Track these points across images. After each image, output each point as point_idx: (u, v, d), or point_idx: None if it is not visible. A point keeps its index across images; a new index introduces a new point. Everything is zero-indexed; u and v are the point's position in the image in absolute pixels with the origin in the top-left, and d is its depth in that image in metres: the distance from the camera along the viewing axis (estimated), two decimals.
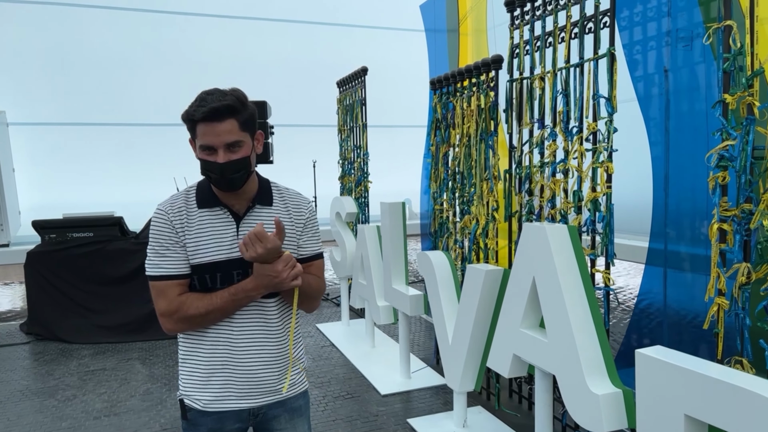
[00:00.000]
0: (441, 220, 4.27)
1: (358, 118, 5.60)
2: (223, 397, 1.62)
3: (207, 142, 1.51)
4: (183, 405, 1.66)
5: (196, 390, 1.63)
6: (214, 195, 1.60)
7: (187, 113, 1.52)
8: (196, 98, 1.54)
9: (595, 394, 2.14)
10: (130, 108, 10.35)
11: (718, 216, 2.20)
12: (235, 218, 1.61)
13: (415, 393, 3.87)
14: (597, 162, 2.79)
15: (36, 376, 4.39)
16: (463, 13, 5.96)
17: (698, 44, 3.02)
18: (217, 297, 1.55)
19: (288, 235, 1.65)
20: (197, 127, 1.51)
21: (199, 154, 1.54)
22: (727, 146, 2.15)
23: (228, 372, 1.61)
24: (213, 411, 1.62)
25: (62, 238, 5.48)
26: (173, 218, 1.57)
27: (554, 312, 2.36)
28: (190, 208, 1.60)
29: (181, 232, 1.57)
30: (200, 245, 1.57)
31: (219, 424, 1.64)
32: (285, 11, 10.97)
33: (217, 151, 1.51)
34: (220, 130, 1.49)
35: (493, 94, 3.53)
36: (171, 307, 1.55)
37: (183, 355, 1.66)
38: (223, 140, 1.50)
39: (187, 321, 1.57)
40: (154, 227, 1.58)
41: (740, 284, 2.12)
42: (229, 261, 1.58)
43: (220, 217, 1.60)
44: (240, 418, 1.65)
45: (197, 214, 1.59)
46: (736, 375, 1.65)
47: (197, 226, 1.58)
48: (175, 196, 1.62)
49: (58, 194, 9.49)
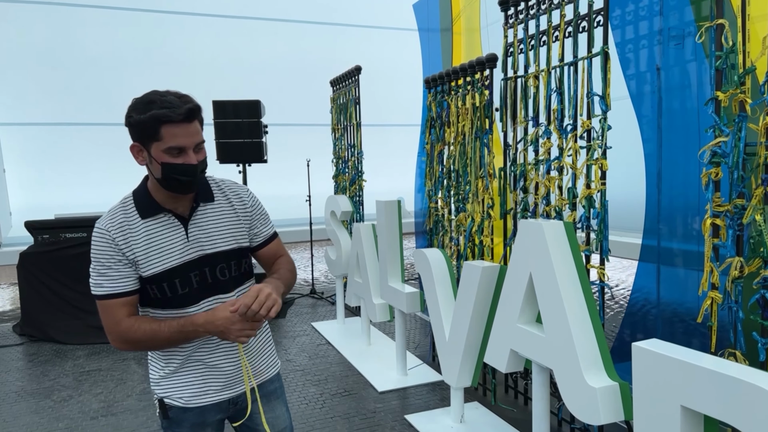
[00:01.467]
0: (436, 217, 4.30)
1: (351, 117, 5.62)
2: (203, 392, 1.65)
3: (179, 144, 1.47)
4: (163, 404, 1.66)
5: (176, 389, 1.65)
6: (155, 202, 1.57)
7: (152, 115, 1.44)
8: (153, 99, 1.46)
9: (593, 387, 2.18)
10: (121, 108, 10.24)
11: (711, 211, 2.24)
12: (181, 221, 1.59)
13: (412, 390, 3.90)
14: (591, 159, 2.83)
15: (31, 377, 4.37)
16: (456, 12, 5.99)
17: (690, 43, 3.06)
18: (165, 326, 1.53)
19: (237, 228, 1.66)
20: (163, 129, 1.45)
21: (163, 158, 1.47)
22: (720, 143, 2.19)
23: (204, 368, 1.64)
24: (194, 406, 1.65)
25: (55, 239, 5.45)
26: (116, 235, 1.52)
27: (551, 307, 2.39)
28: (131, 221, 1.55)
29: (127, 248, 1.52)
30: (151, 256, 1.54)
31: (201, 418, 1.67)
32: (278, 11, 10.95)
33: (188, 153, 1.48)
34: (192, 131, 1.49)
35: (487, 93, 3.56)
36: (117, 328, 1.53)
37: (157, 357, 1.66)
38: (194, 140, 1.49)
39: (133, 344, 1.55)
40: (94, 246, 1.53)
41: (733, 278, 2.16)
42: (184, 265, 1.57)
43: (165, 223, 1.57)
44: (220, 409, 1.70)
45: (141, 226, 1.55)
46: (731, 366, 1.68)
47: (144, 237, 1.54)
48: (113, 212, 1.57)
49: (49, 195, 9.43)
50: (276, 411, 1.78)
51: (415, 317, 5.69)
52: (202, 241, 1.60)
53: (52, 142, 10.07)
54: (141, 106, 1.48)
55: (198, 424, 1.67)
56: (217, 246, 1.62)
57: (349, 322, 5.46)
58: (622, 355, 3.22)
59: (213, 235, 1.62)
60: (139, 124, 1.47)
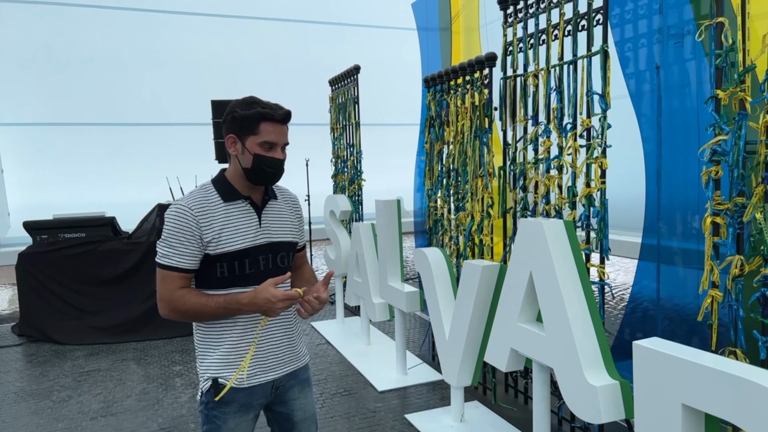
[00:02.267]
0: (436, 217, 4.29)
1: (350, 117, 5.61)
2: (253, 373, 1.79)
3: (272, 139, 1.72)
4: (217, 384, 1.76)
5: (230, 368, 1.76)
6: (235, 189, 1.78)
7: (258, 113, 1.70)
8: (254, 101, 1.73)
9: (593, 386, 2.17)
10: (119, 108, 10.28)
11: (711, 209, 2.23)
12: (255, 209, 1.80)
13: (412, 389, 3.89)
14: (591, 158, 2.83)
15: (30, 378, 4.36)
16: (455, 12, 5.99)
17: (689, 41, 3.07)
18: (212, 301, 1.69)
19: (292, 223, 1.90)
20: (262, 125, 1.71)
21: (256, 150, 1.72)
22: (720, 141, 2.19)
23: (257, 350, 1.79)
24: (246, 387, 1.78)
25: (54, 239, 5.44)
26: (197, 213, 1.70)
27: (552, 306, 2.39)
28: (212, 203, 1.74)
29: (206, 226, 1.70)
30: (227, 235, 1.73)
31: (249, 399, 1.80)
32: (277, 10, 10.94)
33: (277, 149, 1.74)
34: (284, 132, 1.76)
35: (487, 92, 3.55)
36: (170, 296, 1.70)
37: (210, 337, 1.78)
38: (284, 140, 1.77)
39: (180, 313, 1.71)
40: (171, 222, 1.70)
41: (734, 276, 2.16)
42: (255, 248, 1.76)
43: (243, 209, 1.78)
44: (264, 393, 1.83)
45: (221, 208, 1.74)
46: (732, 364, 1.68)
47: (223, 218, 1.73)
48: (193, 194, 1.76)
49: (47, 195, 9.41)
50: (307, 398, 1.95)
51: (415, 317, 5.68)
52: (270, 230, 1.81)
53: (50, 142, 10.05)
54: (244, 105, 1.72)
55: (245, 406, 1.79)
56: (282, 236, 1.84)
57: (349, 322, 5.45)
58: (622, 353, 3.22)
59: (279, 227, 1.85)
60: (243, 119, 1.71)
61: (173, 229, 1.69)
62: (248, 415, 1.81)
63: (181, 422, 3.49)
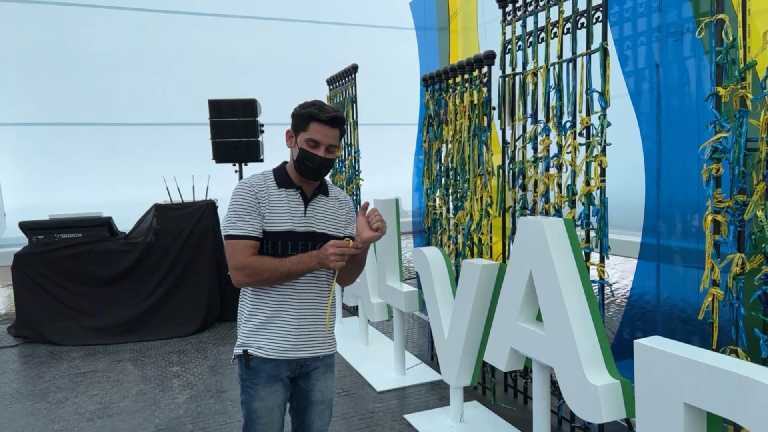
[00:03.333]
0: (434, 216, 4.28)
1: (348, 116, 5.59)
2: (282, 348, 1.96)
3: (317, 138, 1.91)
4: (247, 355, 1.96)
5: (261, 340, 1.95)
6: (290, 179, 2.00)
7: (308, 112, 1.90)
8: (313, 103, 1.93)
9: (594, 385, 2.16)
10: (116, 108, 10.24)
11: (712, 207, 2.22)
12: (304, 199, 2.00)
13: (411, 389, 3.88)
14: (591, 156, 2.81)
15: (26, 379, 4.33)
16: (453, 11, 5.98)
17: (688, 39, 3.05)
18: (286, 259, 1.91)
19: (337, 221, 2.07)
20: (311, 124, 1.90)
21: (302, 145, 1.92)
22: (721, 138, 2.18)
23: (288, 326, 1.96)
24: (273, 358, 1.95)
25: (50, 240, 5.41)
26: (257, 190, 1.94)
27: (552, 305, 2.38)
28: (270, 186, 1.98)
29: (264, 202, 1.93)
30: (276, 214, 1.94)
31: (276, 371, 1.97)
32: (274, 10, 10.92)
33: (320, 148, 1.91)
34: (330, 133, 1.93)
35: (486, 90, 3.54)
36: (244, 261, 1.89)
37: (252, 310, 1.98)
38: (329, 142, 1.93)
39: (256, 275, 1.89)
40: (237, 197, 1.93)
41: (734, 274, 2.15)
42: (298, 233, 1.96)
43: (293, 196, 1.99)
44: (290, 368, 2.00)
45: (275, 192, 1.97)
46: (734, 363, 1.67)
47: (276, 200, 1.96)
48: (256, 176, 2.00)
49: (43, 195, 9.37)
50: (328, 381, 2.10)
51: (413, 317, 5.67)
52: (314, 220, 2.00)
53: (47, 142, 10.00)
54: (304, 105, 1.94)
55: (273, 377, 1.97)
56: (323, 228, 2.01)
57: (347, 322, 5.43)
58: (622, 353, 3.21)
59: (322, 219, 2.02)
60: (298, 116, 1.94)
61: (239, 202, 1.92)
62: (277, 384, 1.98)
63: (178, 423, 3.47)
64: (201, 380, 4.16)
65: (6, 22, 9.61)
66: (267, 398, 1.97)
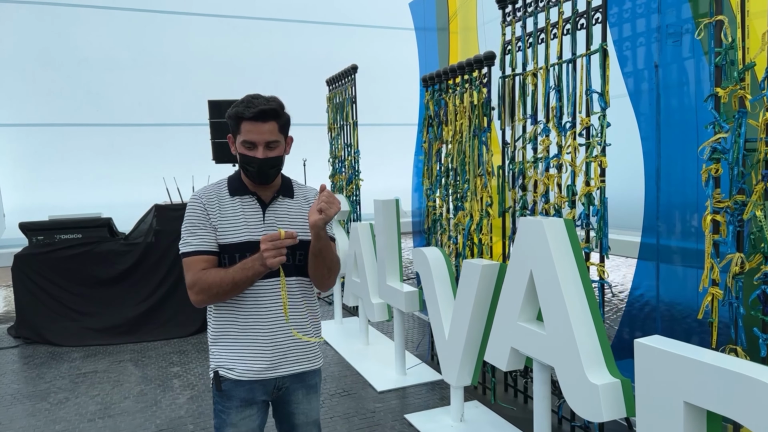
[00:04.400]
0: (434, 216, 4.29)
1: (348, 117, 5.60)
2: (255, 369, 1.79)
3: (250, 139, 1.72)
4: (218, 376, 1.81)
5: (231, 361, 1.79)
6: (245, 185, 1.83)
7: (235, 112, 1.72)
8: (243, 99, 1.73)
9: (595, 384, 2.17)
10: (116, 108, 10.24)
11: (711, 207, 2.24)
12: (261, 205, 1.83)
13: (411, 389, 3.88)
14: (590, 156, 2.82)
15: (26, 380, 4.33)
16: (453, 11, 5.99)
17: (687, 40, 3.07)
18: (231, 269, 1.73)
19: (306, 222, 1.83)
20: (242, 125, 1.72)
21: (240, 149, 1.75)
22: (720, 139, 2.19)
23: (258, 344, 1.79)
24: (246, 380, 1.79)
25: (50, 240, 5.41)
26: (206, 202, 1.80)
27: (552, 304, 2.39)
28: (222, 196, 1.82)
29: (215, 214, 1.78)
30: (231, 226, 1.79)
31: (250, 394, 1.81)
32: (273, 10, 10.92)
33: (258, 148, 1.73)
34: (263, 130, 1.72)
35: (486, 91, 3.55)
36: (194, 279, 1.74)
37: (217, 330, 1.83)
38: (264, 139, 1.72)
39: (206, 291, 1.73)
40: (188, 211, 1.80)
41: (734, 274, 2.16)
42: (256, 242, 1.74)
43: (249, 203, 1.82)
44: (266, 390, 1.84)
45: (229, 201, 1.81)
46: (734, 362, 1.68)
47: (229, 210, 1.80)
48: (207, 187, 1.85)
49: (43, 196, 9.36)
50: (312, 403, 1.93)
51: (413, 317, 5.68)
52: (276, 226, 1.81)
53: (46, 143, 10.00)
54: (235, 103, 1.74)
55: (247, 401, 1.81)
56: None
57: (347, 322, 5.44)
58: (621, 353, 3.22)
59: (286, 224, 1.84)
60: (229, 118, 1.76)
61: (188, 218, 1.79)
62: (251, 410, 1.83)
63: (179, 423, 3.47)
64: (202, 380, 4.17)
65: (5, 22, 9.61)
66: (240, 424, 1.81)
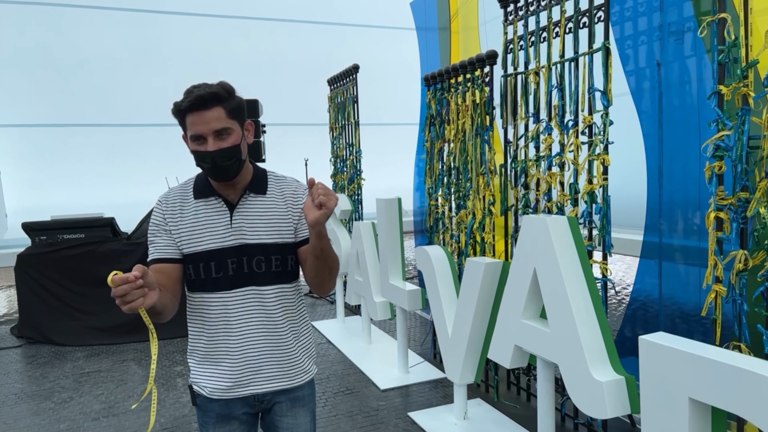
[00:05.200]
0: (437, 215, 4.29)
1: (349, 116, 5.61)
2: (227, 387, 1.63)
3: (196, 131, 1.51)
4: (192, 391, 1.70)
5: (201, 378, 1.66)
6: (210, 185, 1.63)
7: (175, 105, 1.53)
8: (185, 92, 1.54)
9: (599, 381, 2.18)
10: (117, 109, 10.26)
11: (715, 205, 2.24)
12: (228, 207, 1.62)
13: (414, 387, 3.89)
14: (593, 154, 2.83)
15: (30, 380, 4.34)
16: (454, 11, 6.00)
17: (689, 38, 3.07)
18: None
19: (284, 222, 1.64)
20: (186, 119, 1.52)
21: (191, 146, 1.55)
22: (723, 136, 2.19)
23: (229, 361, 1.62)
24: (218, 398, 1.65)
25: (52, 240, 5.42)
26: (165, 208, 1.63)
27: (556, 302, 2.40)
28: (185, 199, 1.63)
29: (173, 220, 1.61)
30: (195, 234, 1.59)
31: (227, 410, 1.67)
32: (275, 10, 10.94)
33: (207, 140, 1.51)
34: (207, 118, 1.50)
35: (488, 90, 3.56)
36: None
37: (191, 342, 1.69)
38: (211, 128, 1.51)
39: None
40: (151, 217, 1.64)
41: (737, 271, 2.17)
42: (223, 249, 1.59)
43: (214, 206, 1.62)
44: (247, 404, 1.68)
45: (192, 205, 1.62)
46: (739, 358, 1.69)
47: (192, 215, 1.61)
48: (173, 189, 1.67)
49: (45, 196, 9.39)
50: (298, 418, 1.73)
51: (415, 315, 5.68)
52: (244, 230, 1.60)
53: (48, 144, 10.02)
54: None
55: (224, 416, 1.67)
56: (259, 237, 1.61)
57: (349, 321, 5.45)
58: (624, 350, 3.22)
59: (257, 226, 1.62)
60: (174, 115, 1.55)
61: (151, 223, 1.64)
62: (231, 424, 1.68)
63: (184, 422, 3.48)
64: None
65: (6, 23, 9.62)
66: None
